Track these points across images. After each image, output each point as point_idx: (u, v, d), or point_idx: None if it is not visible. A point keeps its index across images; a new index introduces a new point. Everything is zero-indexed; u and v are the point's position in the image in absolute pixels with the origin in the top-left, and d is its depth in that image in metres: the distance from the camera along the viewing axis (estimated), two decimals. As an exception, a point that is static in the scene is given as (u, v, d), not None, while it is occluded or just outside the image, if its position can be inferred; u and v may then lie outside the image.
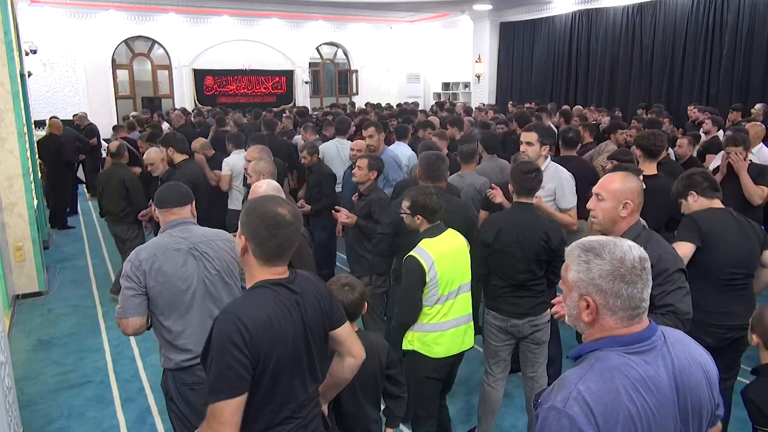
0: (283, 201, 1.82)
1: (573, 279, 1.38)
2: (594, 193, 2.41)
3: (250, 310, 1.64)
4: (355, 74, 18.39)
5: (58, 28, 13.78)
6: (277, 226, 1.70)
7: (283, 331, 1.66)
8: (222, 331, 1.60)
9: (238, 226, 1.77)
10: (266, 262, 1.72)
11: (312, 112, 12.23)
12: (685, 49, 11.35)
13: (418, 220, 2.88)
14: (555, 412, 1.26)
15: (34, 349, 4.66)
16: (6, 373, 3.08)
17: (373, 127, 5.17)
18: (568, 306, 1.41)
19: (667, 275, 2.23)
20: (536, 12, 14.53)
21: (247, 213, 1.75)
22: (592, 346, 1.36)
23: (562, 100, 13.43)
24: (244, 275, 1.84)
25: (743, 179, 4.09)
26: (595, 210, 2.38)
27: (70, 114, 10.91)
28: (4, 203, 5.50)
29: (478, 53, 16.01)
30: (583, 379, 1.29)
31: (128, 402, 3.86)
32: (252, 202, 1.82)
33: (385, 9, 16.54)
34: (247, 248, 1.73)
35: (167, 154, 4.74)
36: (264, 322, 1.63)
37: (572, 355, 1.42)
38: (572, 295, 1.39)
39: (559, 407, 1.26)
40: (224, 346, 1.58)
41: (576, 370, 1.33)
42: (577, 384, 1.28)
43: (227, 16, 15.71)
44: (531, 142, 3.82)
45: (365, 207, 4.06)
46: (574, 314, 1.40)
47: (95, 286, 6.11)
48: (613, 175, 2.46)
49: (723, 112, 8.55)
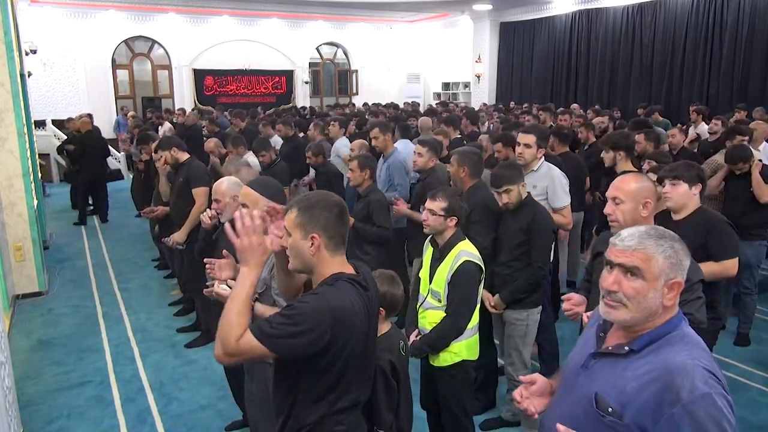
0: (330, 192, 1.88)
1: (661, 267, 1.38)
2: (610, 197, 2.38)
3: (340, 300, 1.66)
4: (355, 74, 18.39)
5: (58, 28, 13.78)
6: (342, 213, 1.77)
7: (358, 327, 1.69)
8: (315, 306, 1.61)
9: (295, 230, 1.74)
10: (335, 253, 1.76)
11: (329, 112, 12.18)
12: (685, 49, 11.35)
13: (451, 223, 2.81)
14: (707, 398, 1.26)
15: (34, 349, 4.66)
16: (6, 373, 3.08)
17: (378, 128, 5.09)
18: (648, 299, 1.39)
19: (690, 285, 2.21)
20: (536, 12, 14.53)
21: (308, 210, 1.74)
22: (670, 327, 1.40)
23: (562, 100, 13.44)
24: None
25: (755, 177, 4.30)
26: (614, 214, 2.35)
27: (70, 114, 10.92)
28: (4, 203, 5.50)
29: (478, 53, 16.00)
30: (695, 357, 1.32)
31: (128, 402, 3.85)
32: (304, 201, 1.80)
33: (385, 9, 16.54)
34: (321, 244, 1.73)
35: (170, 155, 4.74)
36: (348, 314, 1.65)
37: (640, 346, 1.40)
38: (656, 284, 1.38)
39: (705, 391, 1.26)
40: (312, 315, 1.59)
41: (680, 354, 1.33)
42: (696, 364, 1.30)
43: (227, 16, 15.71)
44: (529, 144, 3.83)
45: (364, 209, 4.02)
46: (654, 305, 1.39)
47: (95, 286, 6.11)
48: (625, 177, 2.45)
49: (723, 112, 8.54)
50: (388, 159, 4.93)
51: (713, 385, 1.28)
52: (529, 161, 3.84)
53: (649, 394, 1.31)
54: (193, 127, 8.91)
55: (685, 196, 2.86)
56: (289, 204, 1.85)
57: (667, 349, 1.36)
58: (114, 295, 5.84)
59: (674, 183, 2.86)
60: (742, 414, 3.53)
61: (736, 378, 3.96)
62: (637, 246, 1.40)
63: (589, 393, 1.43)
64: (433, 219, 2.79)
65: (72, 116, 10.41)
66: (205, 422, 3.60)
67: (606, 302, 1.44)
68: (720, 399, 1.27)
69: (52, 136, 12.54)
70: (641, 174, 2.55)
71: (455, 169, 3.67)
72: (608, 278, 1.44)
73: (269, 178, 2.78)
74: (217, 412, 3.69)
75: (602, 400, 1.39)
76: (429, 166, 4.34)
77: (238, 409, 3.54)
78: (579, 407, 1.45)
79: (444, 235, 2.81)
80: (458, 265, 2.71)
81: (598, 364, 1.47)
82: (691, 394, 1.26)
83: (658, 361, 1.34)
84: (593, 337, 1.55)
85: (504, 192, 3.20)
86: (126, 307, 5.51)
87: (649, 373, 1.34)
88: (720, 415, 1.26)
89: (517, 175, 3.26)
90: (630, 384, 1.36)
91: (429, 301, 2.83)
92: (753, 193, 4.32)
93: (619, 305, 1.41)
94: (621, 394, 1.36)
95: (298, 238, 1.74)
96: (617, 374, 1.40)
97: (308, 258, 1.74)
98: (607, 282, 1.44)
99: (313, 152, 5.37)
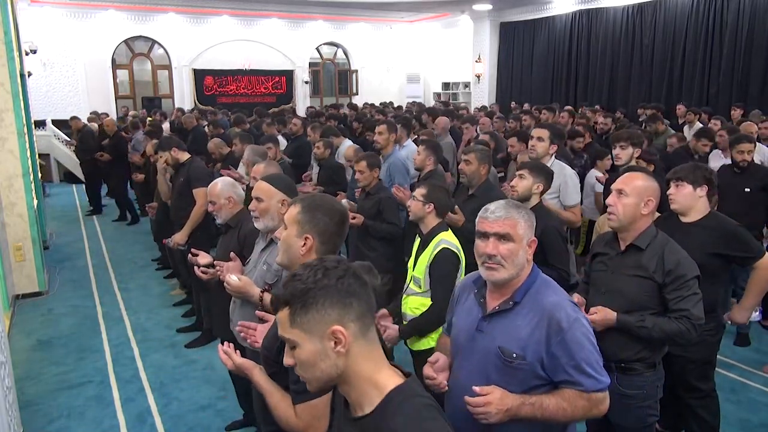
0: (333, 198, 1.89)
1: (524, 229, 1.79)
2: (616, 189, 2.40)
3: None
4: (355, 74, 18.39)
5: (58, 28, 13.77)
6: (343, 223, 1.77)
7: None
8: None
9: (293, 226, 1.75)
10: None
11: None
12: (685, 49, 11.34)
13: (428, 209, 2.88)
14: (578, 322, 1.68)
15: (34, 349, 4.66)
16: (6, 373, 3.08)
17: (386, 126, 5.11)
18: (519, 256, 1.77)
19: (685, 281, 2.25)
20: (536, 12, 14.53)
21: (311, 211, 1.74)
22: (534, 277, 1.78)
23: (562, 100, 13.43)
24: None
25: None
26: (615, 206, 2.36)
27: (69, 114, 10.90)
28: (4, 203, 5.50)
29: (478, 53, 16.00)
30: (559, 294, 1.75)
31: (128, 402, 3.85)
32: (311, 200, 1.80)
33: (385, 9, 16.53)
34: (312, 247, 1.73)
35: (171, 155, 4.75)
36: None
37: (520, 297, 1.74)
38: (522, 244, 1.77)
39: (575, 316, 1.69)
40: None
41: (551, 296, 1.73)
42: (564, 298, 1.74)
43: (227, 16, 15.70)
44: (542, 137, 3.90)
45: (374, 206, 4.05)
46: (523, 261, 1.79)
47: (95, 286, 6.11)
48: (634, 173, 2.47)
49: (723, 112, 8.55)
50: (389, 159, 4.93)
51: (577, 310, 1.72)
52: (542, 155, 3.88)
53: (539, 331, 1.68)
54: (195, 128, 8.91)
55: (689, 197, 2.79)
56: (294, 199, 1.86)
57: (539, 295, 1.73)
58: (114, 295, 5.84)
59: (678, 184, 2.82)
60: (742, 414, 3.53)
61: (736, 378, 3.96)
62: (505, 215, 1.74)
63: (492, 349, 1.73)
64: (414, 204, 2.92)
65: (75, 115, 10.34)
66: (205, 422, 3.60)
67: (487, 266, 1.74)
68: (584, 320, 1.71)
69: (52, 136, 12.55)
70: (650, 173, 2.55)
71: (475, 167, 3.67)
72: (486, 246, 1.74)
73: (283, 174, 2.82)
74: (217, 412, 3.69)
75: (506, 350, 1.70)
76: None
77: (238, 409, 3.54)
78: (486, 363, 1.74)
79: (426, 223, 2.91)
80: (437, 251, 2.78)
81: (490, 324, 1.77)
82: (568, 322, 1.66)
83: (537, 304, 1.71)
84: (475, 305, 1.84)
85: (518, 175, 3.23)
86: (126, 307, 5.51)
87: (535, 316, 1.70)
88: (588, 331, 1.70)
89: (541, 172, 3.23)
90: (523, 330, 1.70)
91: (411, 287, 2.92)
92: (747, 192, 4.23)
93: (499, 266, 1.73)
94: (519, 340, 1.70)
95: (293, 234, 1.75)
96: (510, 326, 1.73)
97: (296, 256, 1.76)
98: (487, 249, 1.74)
99: (324, 144, 5.47)
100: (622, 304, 2.33)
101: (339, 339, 1.13)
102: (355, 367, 1.16)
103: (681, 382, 2.79)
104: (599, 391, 1.69)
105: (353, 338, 1.14)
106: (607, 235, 2.57)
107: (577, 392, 1.68)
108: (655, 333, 2.26)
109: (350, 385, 1.18)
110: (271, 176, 2.66)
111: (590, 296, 2.51)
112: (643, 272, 2.30)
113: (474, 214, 3.69)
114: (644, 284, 2.30)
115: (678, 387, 2.81)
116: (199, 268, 2.85)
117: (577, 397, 1.68)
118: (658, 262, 2.28)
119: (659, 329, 2.25)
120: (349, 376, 1.16)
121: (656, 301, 2.30)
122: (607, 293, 2.40)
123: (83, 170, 10.05)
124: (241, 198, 3.27)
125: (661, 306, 2.31)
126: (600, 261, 2.51)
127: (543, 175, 3.23)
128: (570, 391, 1.68)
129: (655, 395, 2.37)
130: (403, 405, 1.13)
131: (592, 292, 2.50)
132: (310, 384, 1.19)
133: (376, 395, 1.16)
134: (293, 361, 1.17)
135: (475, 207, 3.70)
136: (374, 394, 1.16)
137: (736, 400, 3.68)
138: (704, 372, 2.82)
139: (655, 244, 2.34)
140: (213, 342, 4.55)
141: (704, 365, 2.81)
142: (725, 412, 3.12)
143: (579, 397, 1.68)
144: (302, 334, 1.14)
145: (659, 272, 2.27)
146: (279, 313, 1.17)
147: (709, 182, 2.81)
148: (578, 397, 1.68)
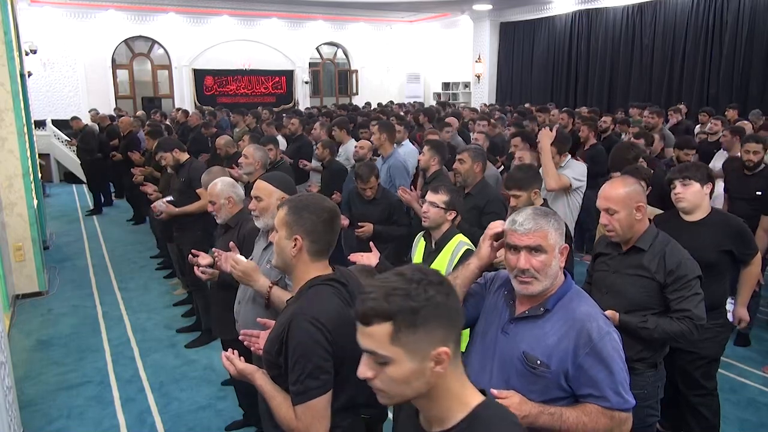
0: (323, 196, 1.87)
1: (554, 238, 1.69)
2: (602, 209, 2.37)
3: (322, 309, 1.66)
4: (355, 74, 18.39)
5: (58, 28, 13.78)
6: (332, 220, 1.75)
7: (351, 325, 1.68)
8: (305, 333, 1.63)
9: (282, 228, 1.75)
10: (317, 258, 1.75)
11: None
12: (685, 49, 11.35)
13: (450, 216, 2.81)
14: (609, 335, 1.61)
15: (34, 349, 4.66)
16: (6, 373, 3.08)
17: (377, 126, 5.08)
18: (552, 267, 1.69)
19: (686, 281, 2.26)
20: (536, 12, 14.54)
21: (297, 211, 1.74)
22: (567, 286, 1.71)
23: (562, 100, 13.45)
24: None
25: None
26: (611, 224, 2.35)
27: (69, 114, 10.91)
28: (4, 203, 5.50)
29: (478, 53, 16.01)
30: (592, 306, 1.70)
31: (128, 402, 3.85)
32: (297, 201, 1.79)
33: (385, 9, 16.54)
34: (302, 247, 1.73)
35: (172, 156, 4.76)
36: (336, 319, 1.67)
37: (552, 305, 1.67)
38: (554, 253, 1.68)
39: (607, 329, 1.62)
40: (311, 347, 1.62)
41: (583, 306, 1.67)
42: (597, 311, 1.68)
43: (227, 16, 15.71)
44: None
45: (385, 211, 4.09)
46: (556, 270, 1.72)
47: (95, 286, 6.11)
48: (613, 183, 2.42)
49: (723, 112, 8.54)
50: (389, 160, 4.92)
51: (609, 324, 1.66)
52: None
53: (568, 341, 1.60)
54: (197, 129, 8.90)
55: (698, 195, 2.82)
56: (283, 201, 1.86)
57: (571, 304, 1.67)
58: (114, 295, 5.84)
59: (686, 183, 2.83)
60: (742, 414, 3.53)
61: (736, 378, 3.96)
62: (535, 227, 1.66)
63: (515, 353, 1.66)
64: (434, 212, 2.78)
65: (76, 115, 10.32)
66: (205, 422, 3.60)
67: (521, 280, 1.66)
68: (616, 334, 1.64)
69: (52, 136, 12.55)
70: (625, 177, 2.53)
71: (469, 165, 3.75)
72: (519, 260, 1.66)
73: (282, 173, 2.81)
74: (217, 412, 3.69)
75: (530, 356, 1.63)
76: (432, 165, 4.31)
77: (238, 409, 3.54)
78: (508, 367, 1.67)
79: (441, 228, 2.81)
80: (461, 253, 2.70)
81: (517, 327, 1.69)
82: (599, 334, 1.59)
83: (568, 314, 1.64)
84: (504, 306, 1.76)
85: (512, 195, 3.18)
86: (126, 307, 5.51)
87: (564, 325, 1.63)
88: (619, 347, 1.62)
89: (528, 179, 3.17)
90: (551, 337, 1.63)
91: None
92: (758, 195, 4.19)
93: (533, 280, 1.65)
94: (545, 348, 1.63)
95: (283, 236, 1.75)
96: (537, 332, 1.65)
97: (289, 258, 1.76)
98: (520, 263, 1.66)
99: (323, 145, 5.44)
100: (623, 305, 2.33)
101: (441, 360, 1.08)
102: (445, 384, 1.11)
103: (685, 378, 2.81)
104: (624, 410, 1.61)
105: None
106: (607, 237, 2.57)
107: (600, 409, 1.60)
108: (657, 333, 2.26)
109: (434, 401, 1.12)
110: (270, 175, 2.66)
111: (592, 296, 2.51)
112: (645, 272, 2.31)
113: (471, 212, 3.71)
114: (646, 284, 2.31)
115: (681, 384, 2.83)
116: (199, 269, 2.84)
117: (600, 414, 1.60)
118: (660, 262, 2.29)
119: (661, 330, 2.26)
120: (437, 393, 1.12)
121: (658, 301, 2.31)
122: (609, 293, 2.40)
123: (84, 170, 10.04)
124: (241, 198, 3.27)
125: (662, 306, 2.31)
126: (602, 261, 2.51)
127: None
128: (593, 406, 1.60)
129: (656, 395, 2.37)
130: (492, 420, 1.11)
131: (594, 292, 2.50)
132: (390, 398, 1.11)
133: (459, 411, 1.12)
134: (373, 375, 1.09)
135: (471, 206, 3.72)
136: (458, 409, 1.13)
137: (736, 400, 3.68)
138: (710, 369, 2.84)
139: (656, 244, 2.34)
140: (213, 342, 4.55)
141: (711, 362, 2.84)
142: (725, 412, 3.13)
143: (602, 414, 1.60)
144: (403, 353, 1.06)
145: (661, 272, 2.27)
146: (373, 327, 1.06)
147: (711, 180, 2.90)
148: (601, 414, 1.60)
